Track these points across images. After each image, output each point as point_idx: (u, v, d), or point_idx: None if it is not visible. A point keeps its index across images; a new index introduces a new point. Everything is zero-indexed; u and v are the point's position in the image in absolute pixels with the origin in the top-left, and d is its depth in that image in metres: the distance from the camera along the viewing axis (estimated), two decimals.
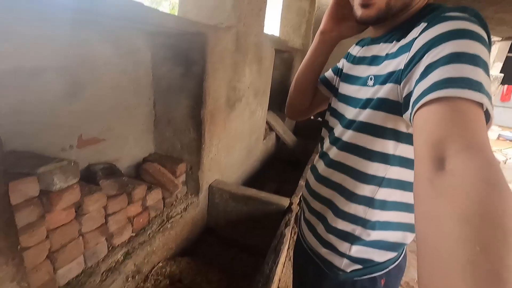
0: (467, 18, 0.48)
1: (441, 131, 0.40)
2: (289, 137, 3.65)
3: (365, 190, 0.66)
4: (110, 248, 1.29)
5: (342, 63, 0.86)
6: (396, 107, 0.57)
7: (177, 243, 1.68)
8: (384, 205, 0.66)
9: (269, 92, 2.86)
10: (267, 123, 3.33)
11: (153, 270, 1.48)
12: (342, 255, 0.71)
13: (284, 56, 3.60)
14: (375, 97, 0.61)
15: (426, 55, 0.48)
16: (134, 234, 1.41)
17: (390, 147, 0.61)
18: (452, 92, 0.41)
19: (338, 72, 0.86)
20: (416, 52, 0.50)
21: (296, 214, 1.72)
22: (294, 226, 1.68)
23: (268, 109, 2.99)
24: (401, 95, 0.55)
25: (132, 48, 1.48)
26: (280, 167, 3.38)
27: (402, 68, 0.54)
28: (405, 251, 0.79)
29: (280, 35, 3.84)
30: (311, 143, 3.44)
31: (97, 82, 1.33)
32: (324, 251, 0.75)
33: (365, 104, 0.64)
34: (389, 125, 0.60)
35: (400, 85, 0.55)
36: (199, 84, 1.58)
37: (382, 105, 0.60)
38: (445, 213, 0.33)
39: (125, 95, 1.51)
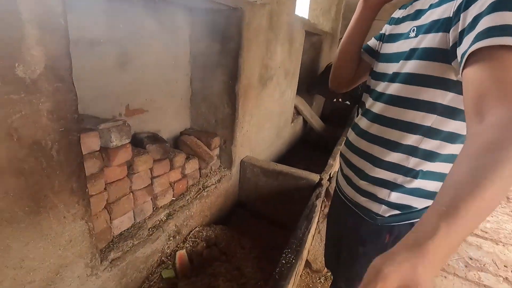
0: None
1: (481, 88, 0.46)
2: (316, 122, 3.64)
3: (410, 139, 0.68)
4: (154, 208, 1.40)
5: (385, 29, 0.87)
6: (443, 55, 0.58)
7: (211, 211, 1.78)
8: (428, 155, 0.68)
9: (298, 75, 2.87)
10: (295, 107, 3.34)
11: (191, 233, 1.59)
12: (381, 201, 0.75)
13: (313, 40, 3.56)
14: (420, 47, 0.63)
15: (473, 5, 0.50)
16: (174, 198, 1.52)
17: (438, 96, 0.62)
18: (493, 41, 0.44)
19: (381, 37, 0.87)
20: (463, 0, 0.52)
21: (327, 188, 1.75)
22: (324, 200, 1.72)
23: (296, 93, 3.01)
24: (449, 43, 0.56)
25: (174, 24, 1.57)
26: (307, 151, 3.39)
27: (451, 16, 0.56)
28: None
29: (309, 18, 3.80)
30: (338, 130, 3.40)
31: (143, 56, 1.43)
32: (362, 200, 0.79)
33: (409, 55, 0.66)
34: (437, 73, 0.61)
35: (449, 33, 0.56)
36: (234, 59, 1.64)
37: (428, 54, 0.61)
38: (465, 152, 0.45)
39: (166, 70, 1.60)
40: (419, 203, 0.73)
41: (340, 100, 3.42)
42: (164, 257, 1.42)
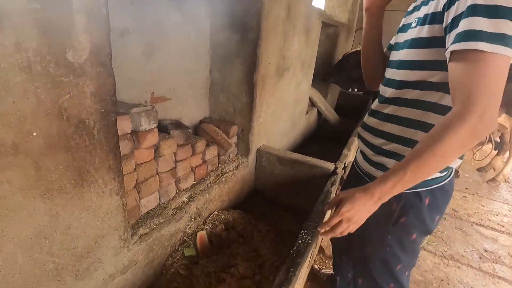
0: None
1: (454, 84, 0.62)
2: (331, 114, 3.65)
3: (418, 115, 0.78)
4: (177, 191, 1.49)
5: (402, 22, 0.93)
6: (440, 42, 0.68)
7: (229, 197, 1.85)
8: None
9: (314, 67, 2.88)
10: (310, 99, 3.36)
11: (210, 216, 1.67)
12: None
13: (329, 31, 3.55)
14: (419, 37, 0.74)
15: (453, 6, 0.61)
16: (195, 182, 1.60)
17: (439, 76, 0.73)
18: (466, 45, 0.57)
19: (398, 30, 0.94)
20: None
21: (342, 176, 1.79)
22: (339, 187, 1.76)
23: (311, 85, 3.02)
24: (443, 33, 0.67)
25: (195, 15, 1.63)
26: (321, 143, 3.42)
27: (441, 10, 0.66)
28: (452, 178, 0.87)
29: (326, 9, 3.77)
30: (353, 122, 3.40)
31: (166, 46, 1.50)
32: (373, 170, 0.91)
33: (411, 43, 0.77)
34: (436, 57, 0.71)
35: (442, 25, 0.66)
36: (253, 50, 1.69)
37: (427, 42, 0.72)
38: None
39: (187, 60, 1.67)
40: None
41: (355, 90, 3.41)
42: (186, 236, 1.50)
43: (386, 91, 0.87)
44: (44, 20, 0.65)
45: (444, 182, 0.84)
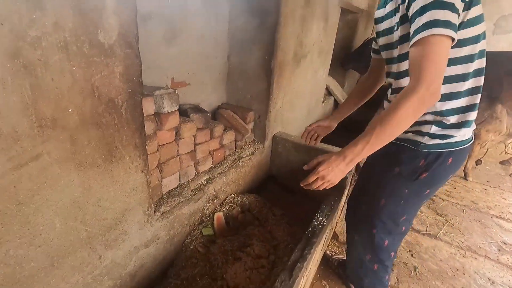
0: None
1: (411, 64, 0.79)
2: None
3: None
4: (196, 173, 1.54)
5: (379, 14, 1.07)
6: None
7: (245, 181, 1.90)
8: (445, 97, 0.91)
9: (332, 54, 2.84)
10: (326, 87, 3.32)
11: (227, 199, 1.72)
12: (424, 134, 0.96)
13: (348, 18, 3.47)
14: (403, 34, 0.91)
15: (411, 8, 0.80)
16: (213, 166, 1.65)
17: None
18: (418, 36, 0.75)
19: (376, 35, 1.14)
20: (408, 2, 0.81)
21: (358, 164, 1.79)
22: (354, 174, 1.76)
23: (328, 73, 2.98)
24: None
25: (215, 0, 1.64)
26: (337, 132, 3.38)
27: (405, 12, 0.85)
28: (472, 142, 0.99)
29: None
30: (371, 112, 3.34)
31: (187, 31, 1.53)
32: (410, 135, 1.00)
33: (399, 41, 0.94)
34: None
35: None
36: (271, 35, 1.69)
37: (407, 36, 0.86)
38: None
39: (206, 45, 1.70)
40: (454, 132, 0.93)
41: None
42: (204, 217, 1.57)
43: (391, 83, 1.04)
44: (79, 1, 0.69)
45: (465, 146, 0.95)
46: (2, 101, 0.62)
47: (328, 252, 1.77)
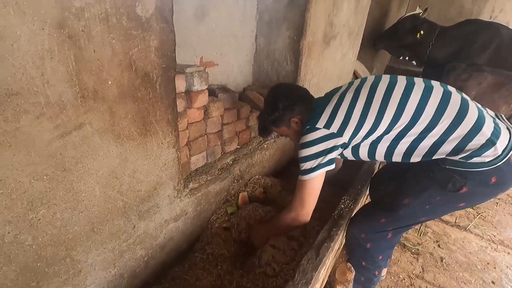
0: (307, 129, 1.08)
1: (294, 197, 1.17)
2: None
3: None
4: (222, 153, 1.56)
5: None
6: None
7: (269, 163, 1.90)
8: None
9: (362, 37, 2.71)
10: (354, 72, 3.20)
11: (251, 179, 1.74)
12: None
13: None
14: None
15: None
16: (239, 147, 1.67)
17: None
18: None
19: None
20: None
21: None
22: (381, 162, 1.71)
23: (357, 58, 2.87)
24: None
25: None
26: None
27: None
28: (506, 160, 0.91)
29: None
30: None
31: (216, 9, 1.51)
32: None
33: None
34: None
35: None
36: (301, 14, 1.64)
37: None
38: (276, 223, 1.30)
39: (235, 25, 1.68)
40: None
41: (407, 58, 3.14)
42: (229, 196, 1.60)
43: None
44: None
45: (505, 159, 0.88)
46: (50, 70, 0.65)
47: None
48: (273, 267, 1.14)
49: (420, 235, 1.93)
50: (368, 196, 1.78)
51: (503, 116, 1.02)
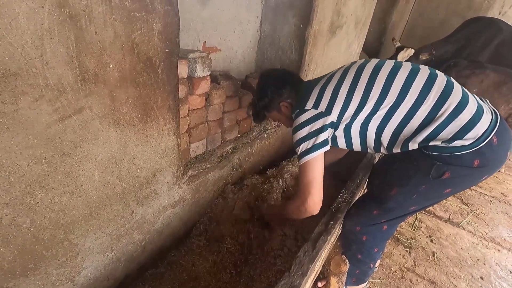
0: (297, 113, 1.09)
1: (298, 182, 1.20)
2: None
3: None
4: (222, 141, 1.55)
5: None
6: None
7: (269, 153, 1.90)
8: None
9: (368, 27, 2.66)
10: None
11: (250, 168, 1.74)
12: None
13: None
14: None
15: None
16: (239, 135, 1.65)
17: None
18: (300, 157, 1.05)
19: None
20: None
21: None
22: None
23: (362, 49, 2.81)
24: None
25: None
26: None
27: None
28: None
29: None
30: None
31: None
32: None
33: None
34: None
35: None
36: (309, 1, 1.59)
37: None
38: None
39: (240, 10, 1.62)
40: None
41: (426, 57, 2.95)
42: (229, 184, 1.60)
43: None
44: None
45: (486, 141, 0.87)
46: (50, 51, 0.62)
47: None
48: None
49: (413, 230, 1.96)
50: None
51: (487, 101, 1.02)
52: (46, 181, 0.73)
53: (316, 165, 1.01)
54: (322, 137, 1.00)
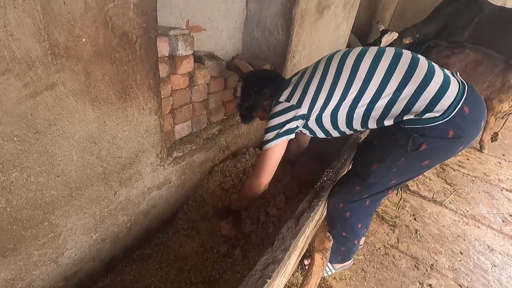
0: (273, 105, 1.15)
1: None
2: None
3: None
4: (208, 123, 1.53)
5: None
6: None
7: (256, 135, 1.89)
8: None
9: (357, 8, 2.62)
10: (347, 46, 3.13)
11: (238, 151, 1.73)
12: None
13: None
14: None
15: None
16: (225, 117, 1.64)
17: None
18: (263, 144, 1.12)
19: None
20: None
21: None
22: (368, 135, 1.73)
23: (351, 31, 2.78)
24: None
25: None
26: None
27: None
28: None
29: None
30: None
31: None
32: None
33: None
34: None
35: None
36: None
37: None
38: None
39: None
40: None
41: (410, 41, 2.95)
42: (216, 167, 1.59)
43: None
44: None
45: (456, 110, 0.89)
46: (14, 22, 0.59)
47: None
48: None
49: (398, 209, 2.02)
50: None
51: (457, 73, 1.04)
52: (20, 160, 0.71)
53: (274, 153, 1.09)
54: (288, 126, 1.06)
